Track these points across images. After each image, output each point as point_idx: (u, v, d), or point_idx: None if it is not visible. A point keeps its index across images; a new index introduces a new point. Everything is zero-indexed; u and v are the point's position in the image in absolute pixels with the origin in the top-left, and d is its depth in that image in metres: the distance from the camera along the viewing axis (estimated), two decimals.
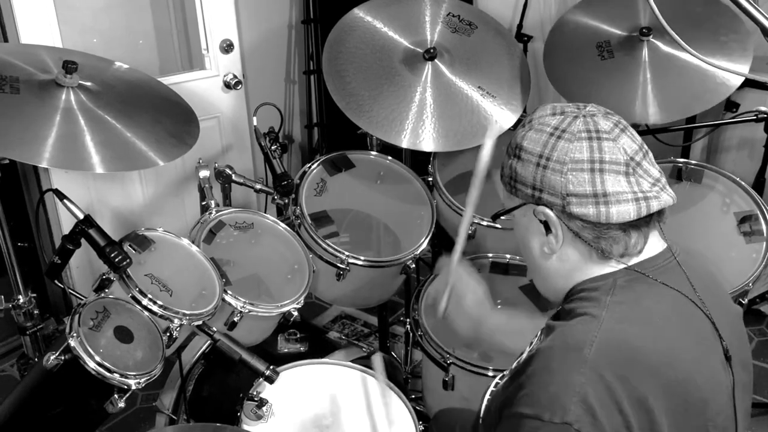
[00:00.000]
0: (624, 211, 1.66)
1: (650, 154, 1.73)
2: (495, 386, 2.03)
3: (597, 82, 3.37)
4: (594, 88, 3.37)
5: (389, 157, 3.51)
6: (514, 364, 1.87)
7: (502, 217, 1.90)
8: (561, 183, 1.67)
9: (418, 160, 3.66)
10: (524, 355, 1.83)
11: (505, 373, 2.06)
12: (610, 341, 1.61)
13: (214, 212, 3.01)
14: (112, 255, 2.42)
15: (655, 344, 1.64)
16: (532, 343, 1.95)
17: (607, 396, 1.55)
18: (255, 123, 3.29)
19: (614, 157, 1.66)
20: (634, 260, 1.75)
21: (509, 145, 1.80)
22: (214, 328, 2.64)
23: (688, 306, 1.74)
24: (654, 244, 1.78)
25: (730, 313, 1.88)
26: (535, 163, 1.71)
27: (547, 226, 1.75)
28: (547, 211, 1.72)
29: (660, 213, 1.74)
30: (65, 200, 2.51)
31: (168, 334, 2.53)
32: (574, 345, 1.62)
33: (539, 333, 1.93)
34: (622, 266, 1.74)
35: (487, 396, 2.04)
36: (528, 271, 1.93)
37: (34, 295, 3.09)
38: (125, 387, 2.34)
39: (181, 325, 2.54)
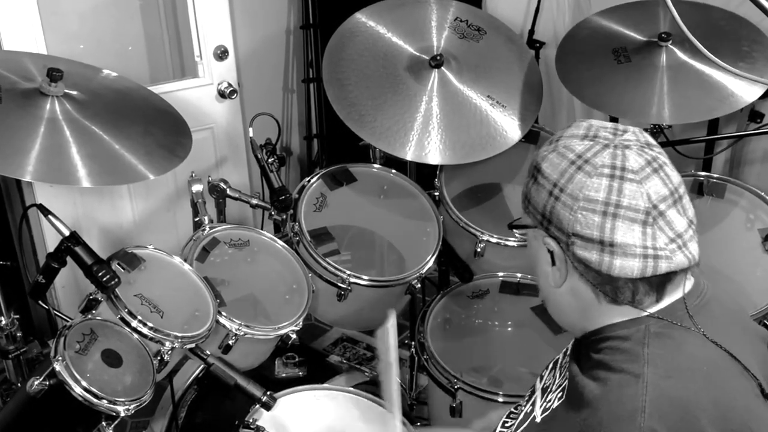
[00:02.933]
0: (627, 267, 1.59)
1: (684, 199, 1.64)
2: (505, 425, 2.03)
3: (613, 84, 3.37)
4: (610, 90, 3.37)
5: (393, 171, 3.51)
6: (537, 411, 1.85)
7: (516, 232, 1.89)
8: (569, 220, 1.62)
9: (423, 174, 3.66)
10: (551, 404, 1.81)
11: (514, 410, 2.06)
12: (662, 403, 1.56)
13: (207, 229, 3.01)
14: (100, 274, 2.43)
15: (708, 394, 1.59)
16: (542, 377, 1.95)
17: None
18: (251, 134, 3.30)
19: (634, 203, 1.58)
20: (654, 307, 1.68)
21: (533, 159, 1.74)
22: (208, 352, 2.64)
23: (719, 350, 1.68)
24: (678, 283, 1.70)
25: (760, 350, 1.82)
26: (548, 191, 1.65)
27: (553, 258, 1.71)
28: (553, 244, 1.68)
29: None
30: (50, 216, 2.51)
31: (159, 357, 2.53)
32: (624, 415, 1.56)
33: (551, 369, 1.92)
34: (645, 313, 1.67)
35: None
36: (540, 294, 1.89)
37: (17, 316, 3.09)
38: (113, 414, 2.34)
39: (172, 348, 2.54)
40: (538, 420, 1.83)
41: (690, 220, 1.64)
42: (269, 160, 3.23)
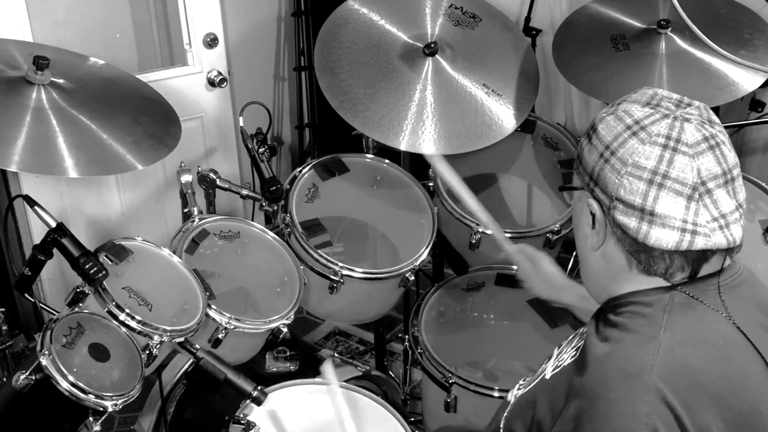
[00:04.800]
0: (664, 238, 1.61)
1: (737, 182, 1.65)
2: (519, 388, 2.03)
3: (611, 72, 3.37)
4: (608, 78, 3.37)
5: (386, 161, 3.51)
6: (548, 368, 1.88)
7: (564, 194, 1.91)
8: (615, 184, 1.64)
9: (417, 164, 3.66)
10: (563, 362, 1.83)
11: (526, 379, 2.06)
12: (672, 366, 1.59)
13: (197, 220, 3.02)
14: (87, 266, 2.43)
15: (721, 369, 1.61)
16: (560, 346, 1.96)
17: (676, 425, 1.54)
18: (241, 123, 3.30)
19: (682, 175, 1.59)
20: (684, 281, 1.70)
21: (593, 119, 1.76)
22: (197, 346, 2.64)
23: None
24: (715, 263, 1.71)
25: None
26: (599, 153, 1.67)
27: (594, 220, 1.73)
28: (596, 206, 1.71)
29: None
30: (36, 207, 2.51)
31: (147, 351, 2.53)
32: (632, 371, 1.59)
33: (571, 338, 1.93)
34: (672, 284, 1.70)
35: (515, 393, 2.03)
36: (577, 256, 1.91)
37: (3, 309, 3.08)
38: (101, 409, 2.34)
39: (161, 342, 2.55)
40: (548, 377, 1.86)
41: (739, 203, 1.65)
42: (260, 150, 3.23)
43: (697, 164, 1.59)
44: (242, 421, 2.58)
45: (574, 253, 3.57)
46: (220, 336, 2.78)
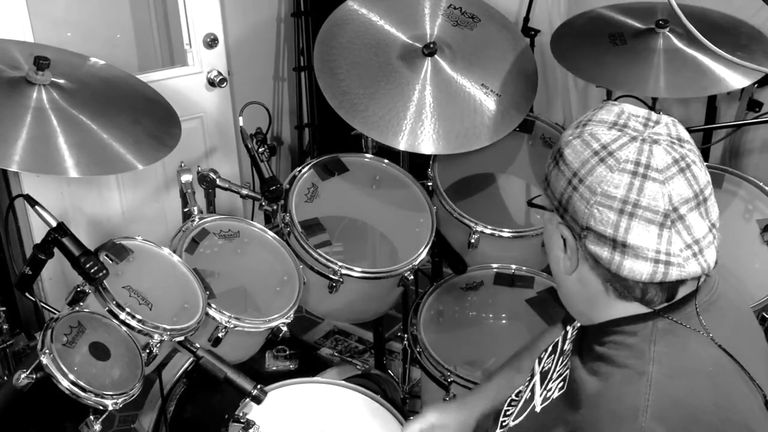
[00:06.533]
0: (637, 270, 1.56)
1: (709, 201, 1.60)
2: (506, 415, 2.03)
3: (609, 61, 3.37)
4: (606, 66, 3.37)
5: (386, 161, 3.51)
6: (537, 398, 1.86)
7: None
8: (584, 213, 1.58)
9: (416, 164, 3.66)
10: (551, 394, 1.81)
11: (515, 396, 2.06)
12: (665, 404, 1.54)
13: (197, 220, 3.01)
14: (88, 266, 2.42)
15: (712, 396, 1.58)
16: (540, 360, 1.95)
17: None
18: (241, 123, 3.30)
19: (653, 203, 1.53)
20: (664, 304, 1.66)
21: (558, 141, 1.69)
22: (197, 345, 2.64)
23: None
24: (691, 284, 1.67)
25: (764, 348, 1.82)
26: (568, 180, 1.61)
27: (565, 245, 1.68)
28: (567, 232, 1.66)
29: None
30: (37, 207, 2.51)
31: (147, 350, 2.53)
32: (626, 414, 1.55)
33: (550, 351, 1.92)
34: (653, 310, 1.66)
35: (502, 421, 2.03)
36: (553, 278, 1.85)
37: (3, 308, 3.09)
38: (101, 408, 2.34)
39: (161, 341, 2.55)
40: (537, 410, 1.83)
41: (712, 224, 1.60)
42: (260, 150, 3.23)
43: (668, 190, 1.53)
44: (242, 420, 2.58)
45: None
46: (220, 335, 2.77)
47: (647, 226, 1.53)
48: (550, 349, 1.96)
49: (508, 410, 2.03)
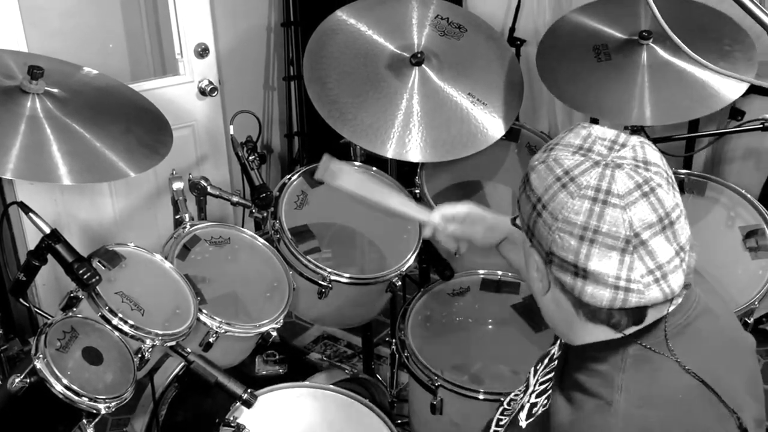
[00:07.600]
0: (597, 296, 1.53)
1: (677, 225, 1.53)
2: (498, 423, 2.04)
3: (593, 83, 3.39)
4: (589, 88, 3.39)
5: (374, 168, 3.52)
6: (523, 412, 1.87)
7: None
8: (547, 239, 1.56)
9: (404, 172, 3.68)
10: (536, 411, 1.82)
11: (507, 406, 2.07)
12: None
13: (188, 226, 3.03)
14: (81, 272, 2.43)
15: (682, 426, 1.57)
16: (536, 371, 1.96)
17: None
18: (232, 132, 3.32)
19: (614, 229, 1.49)
20: (634, 328, 1.63)
21: (527, 168, 1.65)
22: (189, 349, 2.65)
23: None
24: (661, 308, 1.62)
25: (747, 369, 1.78)
26: (533, 205, 1.58)
27: (537, 267, 1.66)
28: (536, 256, 1.64)
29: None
30: (30, 214, 2.52)
31: (139, 355, 2.54)
32: None
33: (547, 363, 1.93)
34: (623, 335, 1.63)
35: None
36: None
37: None
38: (94, 411, 2.35)
39: (153, 346, 2.56)
40: (522, 425, 1.85)
41: (680, 246, 1.54)
42: (250, 158, 3.24)
43: (629, 216, 1.49)
44: (232, 424, 2.58)
45: None
46: (210, 340, 2.79)
47: (608, 252, 1.50)
48: (546, 360, 1.95)
49: (501, 419, 2.04)
